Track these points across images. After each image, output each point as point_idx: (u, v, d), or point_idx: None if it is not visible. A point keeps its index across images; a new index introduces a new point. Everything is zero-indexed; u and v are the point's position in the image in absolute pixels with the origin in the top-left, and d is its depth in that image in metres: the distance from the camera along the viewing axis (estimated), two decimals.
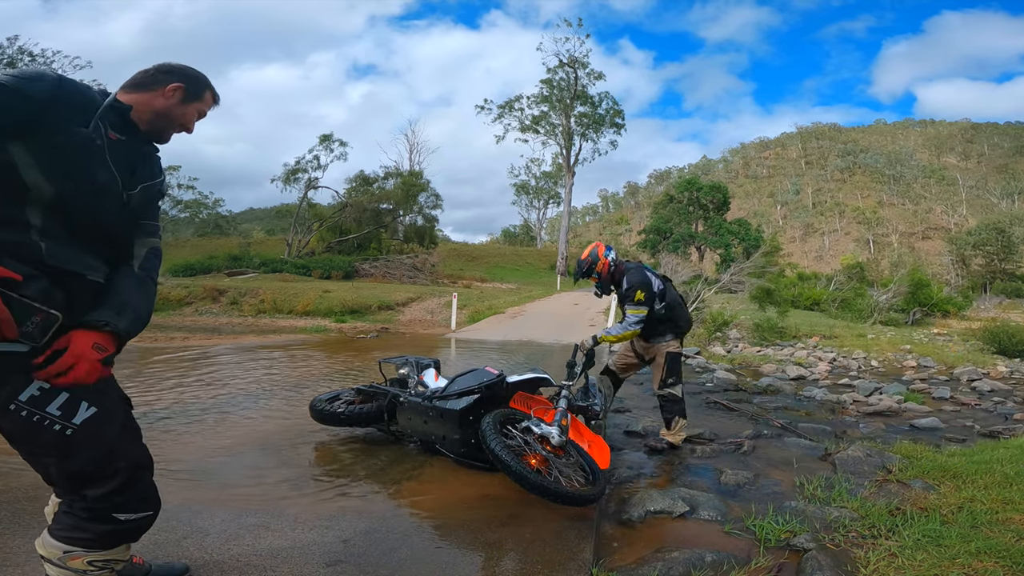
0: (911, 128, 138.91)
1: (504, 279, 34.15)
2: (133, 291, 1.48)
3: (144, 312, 1.51)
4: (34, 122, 1.27)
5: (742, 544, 2.49)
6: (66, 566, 1.48)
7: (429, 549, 2.27)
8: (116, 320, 1.39)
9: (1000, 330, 13.11)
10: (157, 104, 1.57)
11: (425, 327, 14.02)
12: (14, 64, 26.22)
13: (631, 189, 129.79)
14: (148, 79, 1.58)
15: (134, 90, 1.55)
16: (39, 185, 1.27)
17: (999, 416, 6.08)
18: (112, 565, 1.53)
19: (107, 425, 1.41)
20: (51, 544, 1.48)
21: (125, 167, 1.47)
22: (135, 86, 1.56)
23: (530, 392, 3.35)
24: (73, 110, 1.35)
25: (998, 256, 47.30)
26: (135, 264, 1.55)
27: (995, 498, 2.71)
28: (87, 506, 1.44)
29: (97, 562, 1.50)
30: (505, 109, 40.31)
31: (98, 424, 1.38)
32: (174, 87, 1.58)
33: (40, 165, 1.27)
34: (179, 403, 4.80)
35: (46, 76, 1.34)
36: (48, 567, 1.49)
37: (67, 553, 1.47)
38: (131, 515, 1.48)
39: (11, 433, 1.34)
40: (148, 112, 1.55)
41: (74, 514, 1.46)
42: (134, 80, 1.57)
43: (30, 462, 1.41)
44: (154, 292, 1.60)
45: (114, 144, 1.43)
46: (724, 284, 15.60)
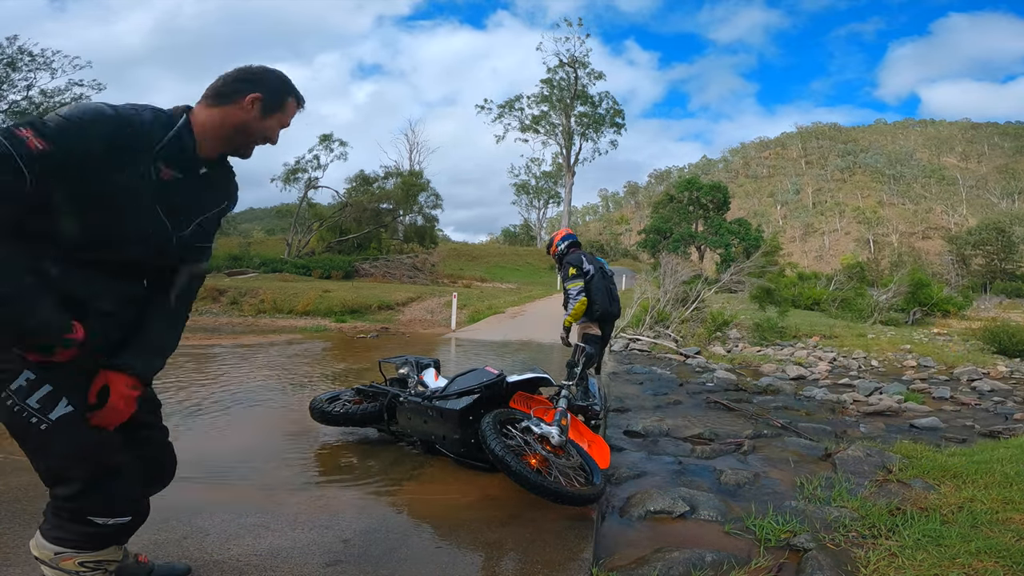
0: (911, 128, 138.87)
1: (504, 279, 34.15)
2: (159, 331, 1.51)
3: (168, 349, 1.56)
4: (79, 169, 1.23)
5: (742, 544, 2.49)
6: (59, 567, 1.46)
7: (429, 549, 2.27)
8: (136, 364, 1.44)
9: (1000, 330, 13.11)
10: (237, 118, 1.48)
11: (425, 327, 14.02)
12: (14, 64, 26.21)
13: (631, 189, 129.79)
14: (228, 88, 1.49)
15: (215, 102, 1.48)
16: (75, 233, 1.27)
17: (999, 416, 6.08)
18: (105, 566, 1.51)
19: (80, 426, 1.38)
20: (43, 545, 1.47)
21: (181, 205, 1.43)
22: (216, 97, 1.48)
23: (530, 392, 3.34)
24: (124, 154, 1.30)
25: (998, 256, 47.31)
26: (172, 294, 1.53)
27: (995, 498, 2.71)
28: (62, 506, 1.43)
29: (89, 563, 1.48)
30: (505, 109, 40.36)
31: (72, 423, 1.36)
32: (253, 98, 1.49)
33: (77, 214, 1.26)
34: (179, 403, 4.80)
35: (100, 120, 1.27)
36: (43, 568, 1.48)
37: (58, 555, 1.46)
38: (105, 519, 1.44)
39: (6, 424, 1.36)
40: (228, 128, 1.48)
41: (57, 514, 1.45)
42: (216, 89, 1.49)
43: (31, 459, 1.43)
44: (183, 322, 1.61)
45: (168, 184, 1.39)
46: (724, 284, 15.59)
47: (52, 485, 1.42)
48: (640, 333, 11.80)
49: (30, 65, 26.73)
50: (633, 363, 8.78)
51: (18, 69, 26.49)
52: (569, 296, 4.41)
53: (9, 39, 26.07)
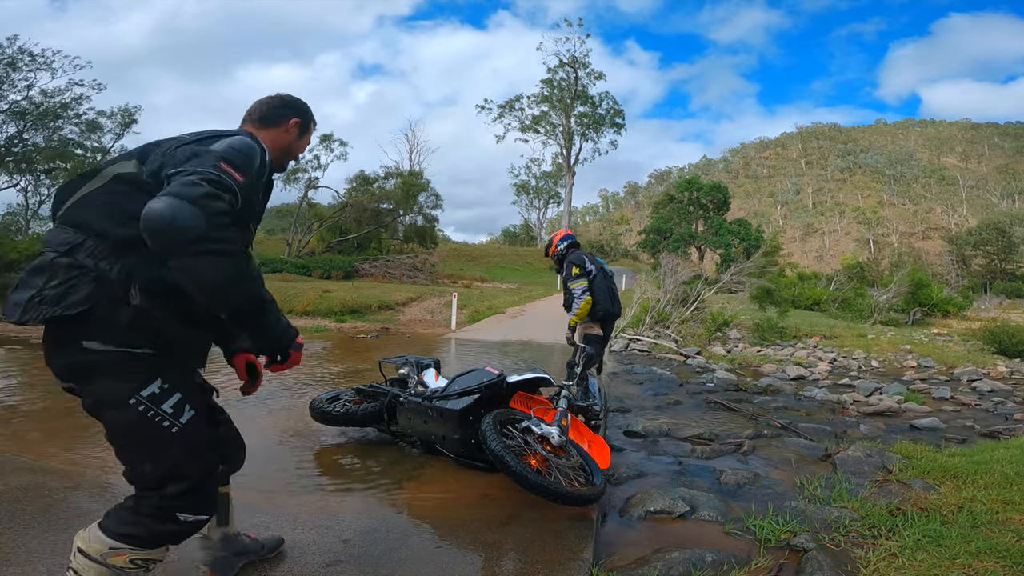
0: (911, 128, 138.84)
1: (504, 279, 34.15)
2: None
3: None
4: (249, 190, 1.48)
5: (742, 544, 2.49)
6: (105, 562, 1.46)
7: (429, 549, 2.27)
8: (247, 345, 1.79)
9: (1000, 330, 13.09)
10: (284, 140, 1.75)
11: (425, 327, 14.02)
12: (14, 64, 26.21)
13: (631, 189, 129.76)
14: (273, 114, 1.73)
15: (263, 127, 1.72)
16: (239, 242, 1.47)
17: (999, 416, 6.08)
18: (150, 564, 1.54)
19: (201, 428, 1.55)
20: (98, 539, 1.47)
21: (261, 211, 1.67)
22: (263, 122, 1.72)
23: (530, 392, 3.35)
24: (262, 174, 1.54)
25: (998, 256, 47.29)
26: None
27: (995, 498, 2.71)
28: (159, 504, 1.48)
29: (139, 560, 1.50)
30: (505, 109, 40.36)
31: (195, 426, 1.52)
32: (294, 122, 1.76)
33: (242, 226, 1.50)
34: None
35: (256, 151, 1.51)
36: (79, 560, 1.47)
37: (112, 549, 1.46)
38: (191, 516, 1.52)
39: (121, 426, 1.46)
40: (278, 149, 1.74)
41: (139, 511, 1.49)
42: (262, 115, 1.73)
43: (124, 456, 1.50)
44: None
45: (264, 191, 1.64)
46: (724, 284, 15.59)
47: (163, 484, 1.47)
48: (640, 333, 11.79)
49: (30, 65, 26.74)
50: (633, 363, 8.78)
51: (18, 69, 26.51)
52: (573, 296, 4.37)
53: (9, 39, 26.08)
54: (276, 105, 1.75)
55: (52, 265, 1.39)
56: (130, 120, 31.83)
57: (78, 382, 1.46)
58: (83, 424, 4.08)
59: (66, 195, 1.49)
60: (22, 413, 4.38)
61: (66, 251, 1.39)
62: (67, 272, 1.37)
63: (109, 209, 1.41)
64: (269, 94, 1.80)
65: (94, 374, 1.42)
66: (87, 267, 1.38)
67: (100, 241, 1.40)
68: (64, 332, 1.40)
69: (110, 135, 31.47)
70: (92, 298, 1.36)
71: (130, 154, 1.50)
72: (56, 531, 2.23)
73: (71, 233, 1.42)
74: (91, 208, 1.43)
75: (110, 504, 2.60)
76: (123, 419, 1.44)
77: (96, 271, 1.38)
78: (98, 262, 1.39)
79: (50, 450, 3.34)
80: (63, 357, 1.43)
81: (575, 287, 4.36)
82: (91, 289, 1.37)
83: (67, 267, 1.38)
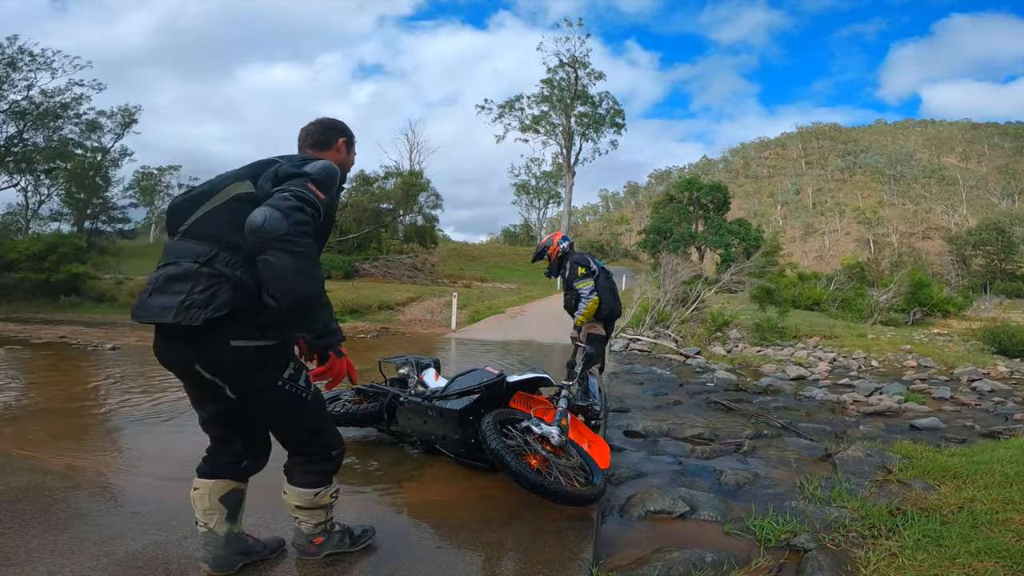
0: (911, 128, 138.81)
1: (504, 279, 34.14)
2: None
3: None
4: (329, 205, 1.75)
5: (742, 544, 2.49)
6: (318, 504, 1.98)
7: (429, 549, 2.27)
8: None
9: (1000, 330, 13.09)
10: (337, 159, 2.00)
11: (425, 327, 14.02)
12: (14, 64, 26.21)
13: (631, 189, 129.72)
14: (324, 138, 2.00)
15: (319, 150, 1.98)
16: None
17: (999, 416, 6.08)
18: (336, 495, 2.06)
19: (319, 393, 1.95)
20: (302, 493, 1.95)
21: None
22: (317, 146, 1.99)
23: (530, 392, 3.34)
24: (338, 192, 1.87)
25: (998, 256, 47.30)
26: None
27: (995, 498, 2.71)
28: (317, 451, 1.95)
29: (333, 493, 2.04)
30: (505, 109, 40.31)
31: (317, 392, 1.92)
32: (343, 142, 2.03)
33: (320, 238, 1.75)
34: (179, 403, 4.80)
35: (335, 173, 1.80)
36: (303, 514, 1.98)
37: (317, 494, 1.96)
38: (337, 450, 2.00)
39: (275, 405, 1.81)
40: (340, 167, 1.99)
41: (310, 462, 1.95)
42: (314, 140, 1.99)
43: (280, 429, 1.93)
44: None
45: None
46: (724, 284, 15.59)
47: (311, 437, 1.94)
48: (640, 333, 11.80)
49: (30, 65, 26.75)
50: (633, 363, 8.78)
51: (18, 69, 26.51)
52: (581, 296, 4.29)
53: (9, 39, 26.10)
54: (324, 129, 2.00)
55: (195, 274, 1.63)
56: (130, 120, 31.83)
57: (228, 375, 1.72)
58: (83, 424, 4.08)
59: (185, 212, 1.76)
60: (22, 413, 4.38)
61: (205, 261, 1.64)
62: (209, 280, 1.62)
63: (234, 225, 1.65)
64: (312, 120, 2.03)
65: (243, 367, 1.71)
66: (226, 275, 1.63)
67: (233, 253, 1.66)
68: (212, 332, 1.63)
69: (110, 135, 31.48)
70: (233, 301, 1.62)
71: (241, 175, 1.76)
72: (56, 531, 2.24)
73: (203, 246, 1.68)
74: (217, 224, 1.70)
75: (110, 504, 2.60)
76: (276, 398, 1.79)
77: (234, 279, 1.64)
78: (234, 271, 1.64)
79: (50, 450, 3.34)
80: (214, 354, 1.68)
81: (582, 287, 4.28)
82: (232, 294, 1.62)
83: (208, 275, 1.62)
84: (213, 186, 1.77)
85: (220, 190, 1.74)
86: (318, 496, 1.97)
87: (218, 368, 1.70)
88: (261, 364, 1.73)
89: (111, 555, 2.06)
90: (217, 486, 1.91)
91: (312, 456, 1.96)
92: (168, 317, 1.60)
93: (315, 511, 2.00)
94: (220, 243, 1.67)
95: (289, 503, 1.98)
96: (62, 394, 5.16)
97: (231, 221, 1.67)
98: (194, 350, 1.67)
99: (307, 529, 2.02)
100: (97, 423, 4.17)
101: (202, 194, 1.76)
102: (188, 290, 1.60)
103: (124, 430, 4.01)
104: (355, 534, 2.15)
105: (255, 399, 1.79)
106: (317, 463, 1.96)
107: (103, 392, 5.39)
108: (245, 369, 1.71)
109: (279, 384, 1.78)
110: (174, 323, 1.59)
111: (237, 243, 1.64)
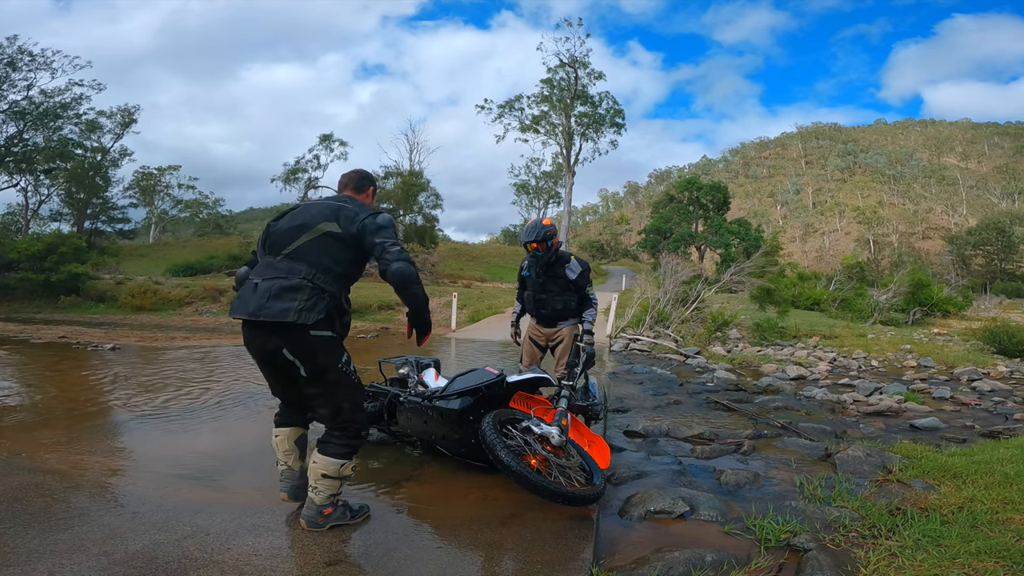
0: (911, 128, 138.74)
1: (504, 279, 34.12)
2: None
3: None
4: None
5: (742, 544, 2.49)
6: (340, 475, 2.36)
7: (429, 549, 2.27)
8: None
9: (1000, 330, 13.11)
10: (366, 201, 2.65)
11: None
12: (14, 64, 26.21)
13: (631, 189, 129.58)
14: (360, 184, 2.65)
15: (357, 193, 2.63)
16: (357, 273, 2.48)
17: (999, 416, 6.08)
18: (354, 468, 2.51)
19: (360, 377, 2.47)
20: (330, 463, 2.33)
21: None
22: (356, 190, 2.63)
23: (530, 392, 3.34)
24: None
25: (998, 256, 47.34)
26: None
27: (995, 498, 2.71)
28: (354, 427, 2.38)
29: (353, 467, 2.46)
30: (505, 109, 40.25)
31: (359, 376, 2.44)
32: (371, 189, 2.72)
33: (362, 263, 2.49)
34: (180, 403, 4.80)
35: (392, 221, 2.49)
36: (323, 482, 2.32)
37: (343, 466, 2.36)
38: (366, 431, 2.49)
39: (335, 384, 2.32)
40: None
41: (344, 435, 2.36)
42: (355, 185, 2.64)
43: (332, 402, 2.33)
44: None
45: None
46: (724, 284, 15.59)
47: (356, 413, 2.40)
48: (640, 333, 11.79)
49: (30, 65, 26.76)
50: (633, 363, 8.78)
51: (18, 69, 26.52)
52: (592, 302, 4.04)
53: (9, 39, 26.10)
54: (362, 178, 2.68)
55: (302, 287, 2.24)
56: (129, 120, 31.86)
57: (306, 357, 2.26)
58: (83, 424, 4.08)
59: (288, 239, 2.36)
60: (22, 413, 4.38)
61: (309, 279, 2.26)
62: (312, 292, 2.24)
63: (327, 254, 2.32)
64: (353, 169, 2.73)
65: (319, 352, 2.26)
66: (324, 289, 2.27)
67: (327, 274, 2.29)
68: (300, 326, 2.20)
69: (110, 135, 31.49)
70: (328, 308, 2.26)
71: (327, 216, 2.36)
72: (56, 531, 2.23)
73: (305, 267, 2.28)
74: (314, 252, 2.31)
75: (110, 504, 2.59)
76: (336, 377, 2.31)
77: (328, 292, 2.28)
78: (328, 287, 2.28)
79: (50, 450, 3.34)
80: (298, 342, 2.23)
81: (593, 293, 4.07)
82: (327, 302, 2.26)
83: (311, 288, 2.24)
84: (307, 222, 2.34)
85: (314, 226, 2.33)
86: (343, 467, 2.36)
87: (300, 352, 2.25)
88: (330, 350, 2.29)
89: (111, 555, 2.06)
90: (292, 432, 2.54)
91: (347, 431, 2.37)
92: (287, 317, 2.17)
93: (333, 481, 2.35)
94: (318, 266, 2.28)
95: (316, 472, 2.34)
96: (62, 394, 5.16)
97: (325, 250, 2.31)
98: (283, 339, 2.23)
99: (320, 499, 2.35)
100: (97, 423, 4.17)
101: (301, 226, 2.35)
102: (300, 298, 2.20)
103: (124, 430, 4.01)
104: (353, 509, 2.50)
105: (322, 376, 2.29)
106: (351, 438, 2.38)
107: (103, 392, 5.40)
108: (317, 352, 2.26)
109: (339, 366, 2.31)
110: (290, 321, 2.17)
111: (329, 267, 2.30)
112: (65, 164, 29.16)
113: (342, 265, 2.33)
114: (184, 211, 52.60)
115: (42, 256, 19.03)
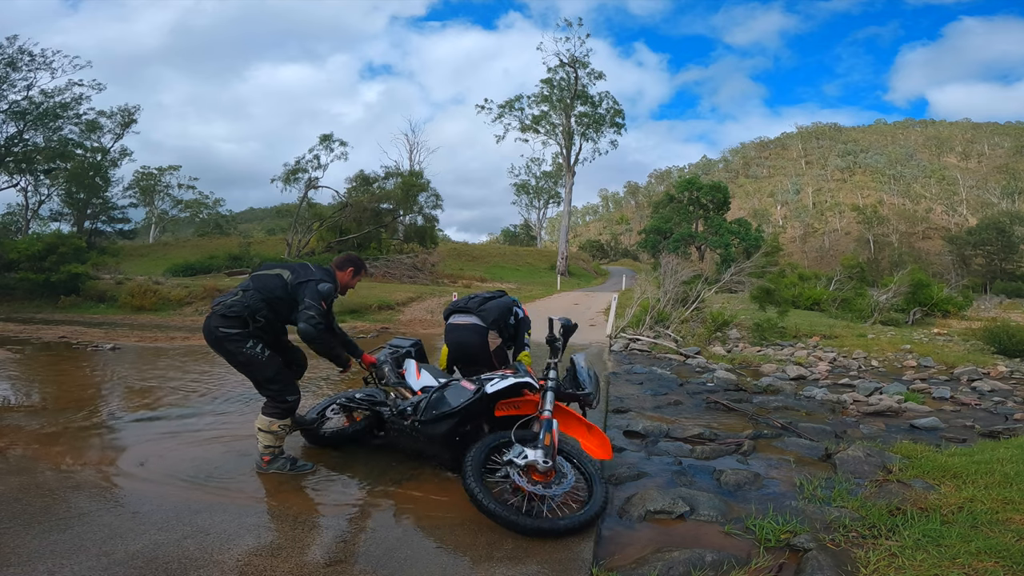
0: (911, 128, 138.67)
1: (504, 279, 34.11)
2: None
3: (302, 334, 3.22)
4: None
5: (742, 544, 2.49)
6: (270, 430, 3.08)
7: (429, 549, 2.28)
8: None
9: (1000, 330, 13.08)
10: (346, 280, 3.47)
11: (425, 327, 14.01)
12: (14, 64, 26.20)
13: (631, 188, 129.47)
14: (343, 266, 3.46)
15: (340, 270, 3.44)
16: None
17: (999, 416, 6.08)
18: (287, 428, 3.19)
19: (275, 358, 3.18)
20: (263, 419, 3.09)
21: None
22: (339, 268, 3.45)
23: (514, 396, 3.21)
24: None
25: (998, 256, 47.35)
26: None
27: (995, 498, 2.71)
28: (273, 394, 3.11)
29: (285, 426, 3.15)
30: (505, 109, 40.25)
31: (271, 357, 3.14)
32: (353, 269, 3.48)
33: None
34: (180, 404, 4.80)
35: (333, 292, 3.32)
36: (260, 435, 3.10)
37: (270, 423, 3.07)
38: (291, 396, 3.17)
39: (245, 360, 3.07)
40: (344, 283, 3.48)
41: (272, 400, 3.11)
42: (339, 265, 3.47)
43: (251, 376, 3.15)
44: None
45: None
46: (724, 284, 15.58)
47: (270, 384, 3.12)
48: (640, 333, 11.79)
49: (30, 65, 26.75)
50: (633, 363, 8.78)
51: (18, 69, 26.51)
52: (527, 346, 4.55)
53: (9, 39, 26.09)
54: (343, 261, 3.49)
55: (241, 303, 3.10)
56: (129, 120, 31.86)
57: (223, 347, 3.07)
58: (83, 424, 4.08)
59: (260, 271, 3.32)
60: (23, 413, 4.38)
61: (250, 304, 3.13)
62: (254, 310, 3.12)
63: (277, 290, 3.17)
64: (345, 253, 3.64)
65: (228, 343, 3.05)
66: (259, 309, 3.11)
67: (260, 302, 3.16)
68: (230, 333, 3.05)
69: (110, 135, 31.49)
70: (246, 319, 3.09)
71: (283, 266, 3.32)
72: (56, 531, 2.24)
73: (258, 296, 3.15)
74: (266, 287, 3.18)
75: (110, 504, 2.60)
76: (244, 359, 3.06)
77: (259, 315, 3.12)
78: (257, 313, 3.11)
79: (50, 450, 3.34)
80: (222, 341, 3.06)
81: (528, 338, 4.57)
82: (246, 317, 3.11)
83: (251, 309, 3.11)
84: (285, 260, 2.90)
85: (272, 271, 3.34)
86: (271, 424, 3.07)
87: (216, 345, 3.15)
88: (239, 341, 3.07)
89: (111, 555, 2.06)
90: None
91: (270, 397, 3.12)
92: None
93: (267, 435, 3.08)
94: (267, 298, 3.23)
95: (256, 425, 3.12)
96: (62, 394, 5.16)
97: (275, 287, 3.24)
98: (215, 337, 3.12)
99: (260, 449, 3.10)
100: (97, 423, 4.17)
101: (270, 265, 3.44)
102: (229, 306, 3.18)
103: (124, 430, 4.01)
104: (296, 464, 3.13)
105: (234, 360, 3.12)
106: (276, 403, 3.11)
107: (103, 392, 5.39)
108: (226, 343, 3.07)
109: (245, 350, 3.04)
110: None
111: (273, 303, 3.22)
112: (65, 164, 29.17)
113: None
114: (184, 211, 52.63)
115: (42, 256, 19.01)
